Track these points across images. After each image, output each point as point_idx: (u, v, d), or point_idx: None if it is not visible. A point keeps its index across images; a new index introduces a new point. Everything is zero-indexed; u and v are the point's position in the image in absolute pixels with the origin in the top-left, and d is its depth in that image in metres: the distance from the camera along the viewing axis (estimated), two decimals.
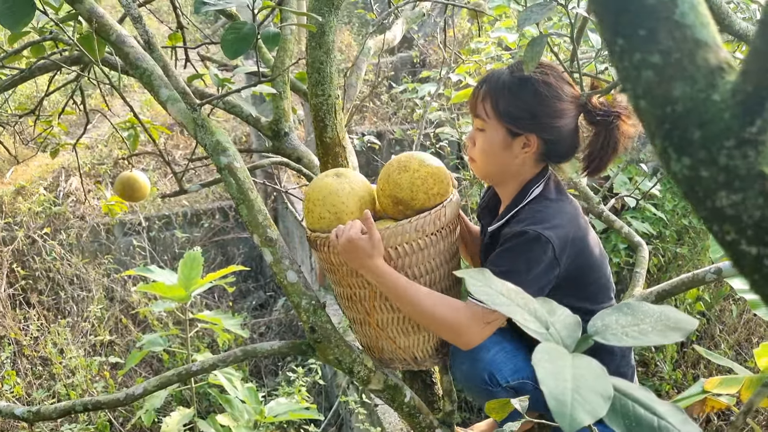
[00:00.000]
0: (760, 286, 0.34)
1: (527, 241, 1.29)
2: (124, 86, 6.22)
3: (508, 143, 1.38)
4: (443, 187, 1.42)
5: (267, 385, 4.53)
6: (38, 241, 4.95)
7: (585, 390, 0.55)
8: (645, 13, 0.34)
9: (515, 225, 1.34)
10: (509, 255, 1.31)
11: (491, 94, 1.37)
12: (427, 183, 1.40)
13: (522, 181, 1.42)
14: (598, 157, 1.41)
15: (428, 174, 1.40)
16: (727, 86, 0.33)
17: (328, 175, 1.47)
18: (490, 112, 1.37)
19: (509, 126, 1.36)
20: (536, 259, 1.29)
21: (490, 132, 1.39)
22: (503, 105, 1.35)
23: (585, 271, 1.38)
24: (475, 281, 0.68)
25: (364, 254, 1.31)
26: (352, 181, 1.45)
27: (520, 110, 1.34)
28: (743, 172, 0.33)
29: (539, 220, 1.31)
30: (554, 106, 1.34)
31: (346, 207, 1.41)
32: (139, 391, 1.52)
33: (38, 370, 4.33)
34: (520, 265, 1.28)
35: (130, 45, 1.51)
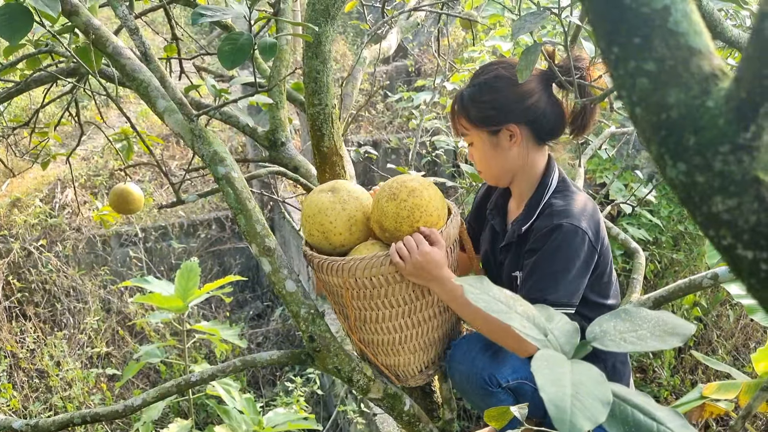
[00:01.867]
0: (756, 290, 0.35)
1: (564, 236, 1.31)
2: (120, 97, 6.23)
3: (494, 142, 1.43)
4: (431, 220, 1.37)
5: (265, 396, 4.52)
6: (34, 254, 4.94)
7: (584, 396, 0.55)
8: (639, 22, 0.34)
9: (547, 219, 1.36)
10: (551, 254, 1.32)
11: (461, 110, 1.45)
12: (413, 215, 1.36)
13: (534, 173, 1.46)
14: (581, 114, 1.45)
15: (415, 206, 1.36)
16: (721, 93, 0.34)
17: (323, 190, 1.46)
18: (467, 125, 1.45)
19: (487, 128, 1.42)
20: (577, 251, 1.31)
21: (477, 141, 1.46)
22: (474, 113, 1.42)
23: (604, 263, 1.42)
24: (473, 288, 0.69)
25: (439, 265, 1.32)
26: (346, 200, 1.43)
27: (486, 110, 1.41)
28: (738, 178, 0.33)
29: (570, 212, 1.34)
30: (513, 91, 1.40)
31: (333, 228, 1.41)
32: (138, 402, 1.51)
33: (35, 382, 4.31)
34: (564, 262, 1.31)
35: (127, 57, 1.51)
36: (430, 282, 1.35)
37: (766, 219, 0.33)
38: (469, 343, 1.47)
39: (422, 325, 1.44)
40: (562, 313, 0.74)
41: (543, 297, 1.29)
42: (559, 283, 1.31)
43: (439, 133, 3.70)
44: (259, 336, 5.22)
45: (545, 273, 1.32)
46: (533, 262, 1.35)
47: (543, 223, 1.36)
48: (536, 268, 1.34)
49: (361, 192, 1.48)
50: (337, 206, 1.42)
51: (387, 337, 1.45)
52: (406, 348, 1.46)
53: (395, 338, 1.45)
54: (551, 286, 1.31)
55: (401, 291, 1.38)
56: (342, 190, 1.45)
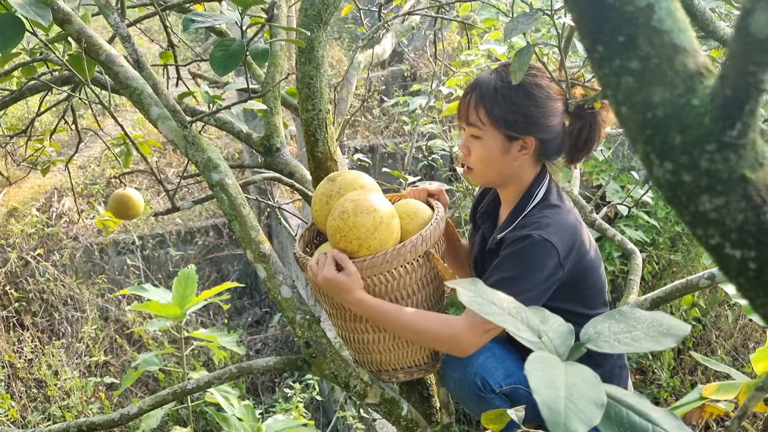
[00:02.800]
0: (746, 290, 0.34)
1: (531, 246, 1.29)
2: (116, 105, 6.23)
3: (506, 148, 1.38)
4: (349, 246, 1.35)
5: (264, 402, 4.50)
6: (31, 263, 4.92)
7: (578, 398, 0.55)
8: (623, 20, 0.34)
9: (519, 229, 1.34)
10: (513, 260, 1.31)
11: (484, 101, 1.36)
12: (334, 236, 1.37)
13: (524, 183, 1.43)
14: (584, 147, 1.44)
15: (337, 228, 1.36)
16: (706, 90, 0.33)
17: (325, 183, 1.49)
18: (485, 120, 1.37)
19: (507, 131, 1.36)
20: (540, 264, 1.29)
21: (488, 139, 1.38)
22: (498, 111, 1.35)
23: (583, 276, 1.39)
24: (467, 291, 0.68)
25: (342, 290, 1.32)
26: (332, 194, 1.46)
27: (516, 114, 1.34)
28: (725, 176, 0.33)
29: (545, 224, 1.32)
30: (547, 106, 1.36)
31: (318, 216, 1.48)
32: (134, 410, 1.51)
33: (33, 392, 4.29)
34: (523, 271, 1.29)
35: (120, 64, 1.51)
36: (343, 303, 1.37)
37: (753, 217, 0.33)
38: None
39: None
40: (555, 315, 0.73)
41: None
42: (513, 290, 1.27)
43: (435, 137, 3.70)
44: (257, 342, 5.21)
45: (503, 277, 1.29)
46: (494, 265, 1.34)
47: (514, 233, 1.34)
48: (496, 271, 1.32)
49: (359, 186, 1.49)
50: (322, 199, 1.47)
51: (368, 336, 1.46)
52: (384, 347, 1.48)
53: (373, 338, 1.46)
54: (505, 291, 1.28)
55: (405, 285, 1.38)
56: (339, 183, 1.48)
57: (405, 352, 1.48)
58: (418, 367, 1.52)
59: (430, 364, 1.53)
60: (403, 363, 1.51)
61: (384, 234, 1.35)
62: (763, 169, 0.33)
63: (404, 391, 1.70)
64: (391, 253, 1.33)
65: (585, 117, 1.40)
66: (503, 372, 1.38)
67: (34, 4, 1.24)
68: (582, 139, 1.42)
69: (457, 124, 1.64)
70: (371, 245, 1.35)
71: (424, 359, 1.51)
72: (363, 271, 1.34)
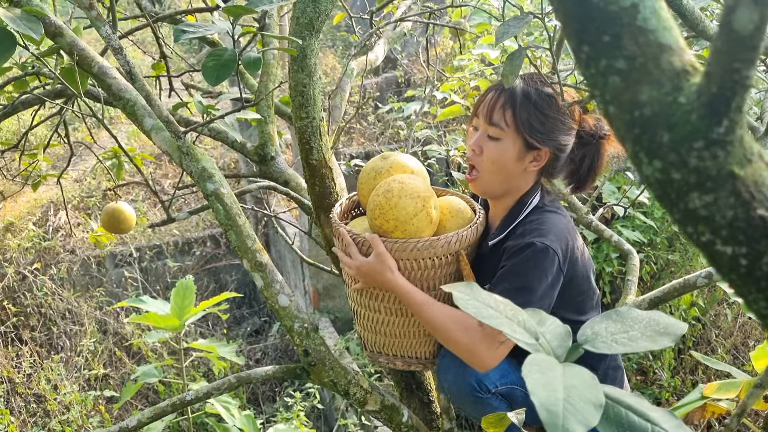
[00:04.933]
0: (738, 286, 0.34)
1: (535, 254, 1.29)
2: (111, 118, 6.23)
3: (521, 155, 1.37)
4: (386, 225, 1.38)
5: (265, 412, 4.49)
6: (29, 277, 4.91)
7: (576, 399, 0.55)
8: (608, 20, 0.34)
9: (519, 238, 1.34)
10: (520, 270, 1.30)
11: (513, 103, 1.34)
12: (372, 213, 1.41)
13: (519, 193, 1.43)
14: (587, 176, 1.44)
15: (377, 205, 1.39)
16: (692, 88, 0.33)
17: (377, 159, 1.54)
18: (510, 122, 1.35)
19: (529, 138, 1.35)
20: (545, 272, 1.29)
21: (506, 142, 1.36)
22: (525, 116, 1.33)
23: (576, 281, 1.39)
24: (462, 295, 0.68)
25: (375, 273, 1.35)
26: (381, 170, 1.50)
27: (542, 124, 1.34)
28: (714, 173, 0.33)
29: (544, 231, 1.32)
30: (568, 123, 1.37)
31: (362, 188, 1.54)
32: (133, 423, 1.50)
33: (32, 407, 4.27)
34: (532, 281, 1.29)
35: (113, 76, 1.51)
36: (380, 288, 1.41)
37: (743, 214, 0.33)
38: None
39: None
40: (552, 317, 0.73)
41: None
42: (522, 300, 1.27)
43: (430, 142, 3.70)
44: (257, 352, 5.19)
45: (510, 288, 1.29)
46: (499, 276, 1.33)
47: (515, 241, 1.34)
48: (501, 281, 1.32)
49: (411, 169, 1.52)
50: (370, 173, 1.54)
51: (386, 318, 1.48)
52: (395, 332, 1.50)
53: (384, 319, 1.48)
54: (513, 301, 1.28)
55: (428, 278, 1.40)
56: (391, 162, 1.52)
57: (410, 342, 1.49)
58: (418, 360, 1.52)
59: (430, 360, 1.53)
60: (404, 351, 1.51)
61: (422, 222, 1.38)
62: (752, 166, 0.33)
63: (404, 398, 1.70)
64: (424, 243, 1.35)
65: (590, 145, 1.42)
66: (498, 372, 1.38)
67: (25, 17, 1.24)
68: (585, 166, 1.43)
69: (452, 129, 1.64)
70: (406, 229, 1.37)
71: (425, 354, 1.51)
72: (392, 252, 1.36)
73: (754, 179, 0.33)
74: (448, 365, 1.43)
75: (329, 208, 1.60)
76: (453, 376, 1.42)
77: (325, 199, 1.62)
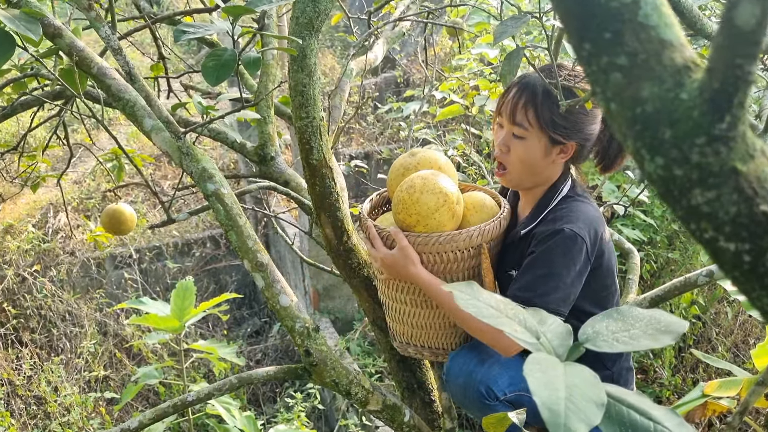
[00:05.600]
0: (741, 283, 0.34)
1: (564, 240, 1.30)
2: (110, 119, 6.22)
3: (548, 151, 1.38)
4: (408, 220, 1.41)
5: (266, 413, 4.48)
6: (28, 279, 4.91)
7: (578, 398, 0.55)
8: (609, 16, 0.34)
9: (549, 224, 1.35)
10: (548, 257, 1.31)
11: (535, 102, 1.35)
12: (396, 207, 1.43)
13: (550, 181, 1.44)
14: (616, 155, 1.45)
15: (400, 200, 1.42)
16: (694, 84, 0.33)
17: (406, 156, 1.58)
18: (533, 121, 1.36)
19: (554, 135, 1.36)
20: (573, 258, 1.30)
21: (532, 140, 1.38)
22: (548, 114, 1.34)
23: (601, 273, 1.41)
24: (463, 294, 0.68)
25: (398, 266, 1.38)
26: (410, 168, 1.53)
27: (565, 119, 1.34)
28: (716, 169, 0.33)
29: (573, 218, 1.33)
30: (593, 112, 1.37)
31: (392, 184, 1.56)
32: (135, 425, 1.49)
33: (32, 409, 4.27)
34: (560, 267, 1.30)
35: (112, 77, 1.51)
36: (404, 280, 1.43)
37: (746, 210, 0.32)
38: (466, 356, 1.45)
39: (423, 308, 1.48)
40: (553, 316, 0.73)
41: (531, 299, 1.27)
42: (550, 287, 1.29)
43: (430, 142, 3.70)
44: (257, 353, 5.19)
45: (538, 274, 1.31)
46: (528, 262, 1.34)
47: (545, 227, 1.36)
48: (530, 267, 1.33)
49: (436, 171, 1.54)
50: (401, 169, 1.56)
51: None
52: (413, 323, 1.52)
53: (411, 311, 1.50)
54: (541, 288, 1.30)
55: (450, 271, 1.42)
56: (418, 160, 1.55)
57: (437, 333, 1.51)
58: (445, 351, 1.53)
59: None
60: (432, 342, 1.53)
61: (444, 216, 1.41)
62: (754, 161, 0.33)
63: (406, 398, 1.70)
64: (446, 236, 1.38)
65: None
66: (508, 380, 1.38)
67: (24, 18, 1.24)
68: (613, 147, 1.44)
69: (451, 128, 1.65)
70: (429, 224, 1.40)
71: (452, 345, 1.53)
72: (415, 246, 1.39)
73: (757, 175, 0.33)
74: (457, 372, 1.44)
75: (330, 207, 1.59)
76: (463, 382, 1.42)
77: (325, 198, 1.61)
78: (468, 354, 1.46)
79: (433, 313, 1.48)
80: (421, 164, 1.53)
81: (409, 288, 1.46)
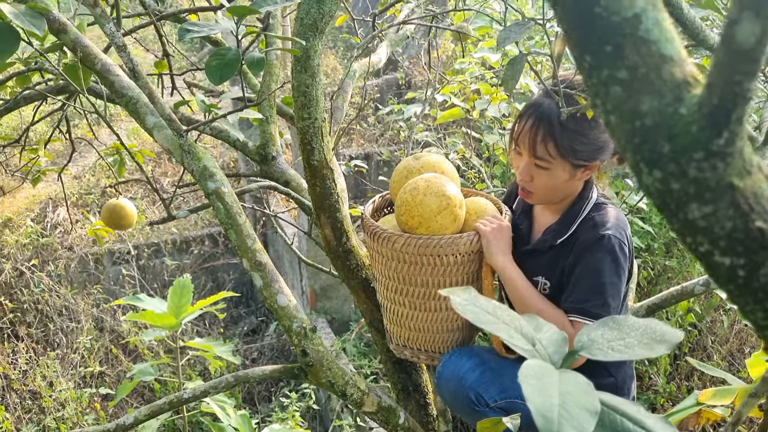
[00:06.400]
0: (736, 297, 0.35)
1: (610, 248, 1.32)
2: (111, 115, 6.23)
3: (571, 174, 1.38)
4: (411, 222, 1.42)
5: (261, 412, 4.48)
6: (26, 273, 4.91)
7: (572, 406, 0.55)
8: (611, 30, 0.34)
9: (589, 231, 1.37)
10: (598, 266, 1.33)
11: (553, 134, 1.34)
12: (399, 208, 1.43)
13: (575, 194, 1.45)
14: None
15: (402, 201, 1.42)
16: (693, 100, 0.34)
17: (410, 159, 1.59)
18: (554, 153, 1.35)
19: (575, 161, 1.36)
20: (621, 265, 1.33)
21: (555, 169, 1.37)
22: (568, 143, 1.33)
23: (627, 277, 1.42)
24: (461, 299, 0.68)
25: (504, 246, 1.39)
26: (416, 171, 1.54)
27: (586, 145, 1.34)
28: (713, 184, 0.33)
29: (612, 225, 1.35)
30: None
31: (394, 187, 1.58)
32: (130, 420, 1.50)
33: (27, 404, 4.27)
34: (612, 276, 1.32)
35: (115, 73, 1.51)
36: (491, 259, 1.41)
37: (741, 225, 0.33)
38: (458, 361, 1.46)
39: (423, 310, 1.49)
40: (549, 323, 0.73)
41: (589, 309, 1.30)
42: (607, 296, 1.31)
43: (430, 144, 3.71)
44: (254, 352, 5.19)
45: (592, 284, 1.32)
46: (578, 273, 1.35)
47: (587, 234, 1.37)
48: (582, 278, 1.34)
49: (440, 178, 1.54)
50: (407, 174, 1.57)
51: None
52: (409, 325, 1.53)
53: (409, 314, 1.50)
54: (598, 298, 1.31)
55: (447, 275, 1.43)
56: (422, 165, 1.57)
57: (434, 337, 1.51)
58: (441, 354, 1.53)
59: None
60: (428, 346, 1.53)
61: (446, 219, 1.41)
62: (751, 177, 0.33)
63: (401, 400, 1.70)
64: (447, 240, 1.38)
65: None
66: (498, 387, 1.39)
67: (29, 13, 1.24)
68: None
69: (451, 132, 1.65)
70: (430, 226, 1.41)
71: (448, 349, 1.53)
72: (416, 248, 1.39)
73: (753, 191, 0.33)
74: (449, 377, 1.44)
75: (330, 208, 1.60)
76: (453, 387, 1.43)
77: (325, 199, 1.62)
78: (460, 359, 1.46)
79: (431, 316, 1.48)
80: (425, 168, 1.54)
81: (409, 290, 1.46)
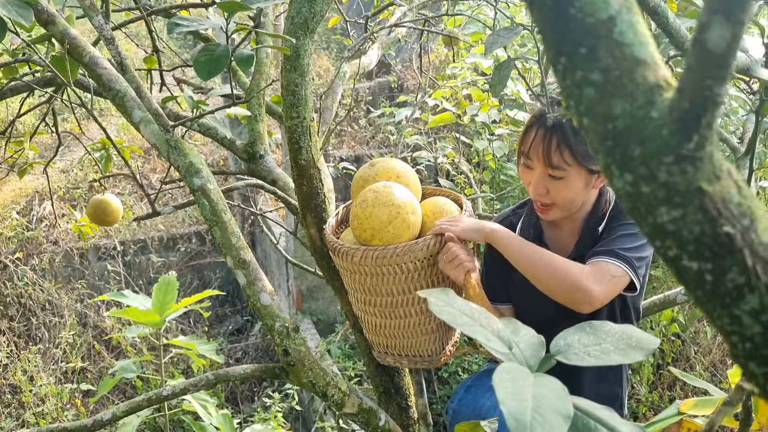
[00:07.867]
0: (703, 302, 0.35)
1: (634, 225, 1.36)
2: (101, 110, 6.19)
3: (587, 181, 1.39)
4: (363, 234, 1.40)
5: (243, 412, 4.46)
6: (10, 267, 4.86)
7: (546, 410, 0.55)
8: (585, 32, 0.34)
9: (621, 214, 1.43)
10: (631, 229, 1.37)
11: (568, 141, 1.34)
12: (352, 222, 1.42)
13: (590, 202, 1.48)
14: None
15: (354, 215, 1.42)
16: (665, 103, 0.34)
17: (366, 167, 1.56)
18: (570, 160, 1.35)
19: (591, 167, 1.36)
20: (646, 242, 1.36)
21: (572, 178, 1.38)
22: (583, 148, 1.34)
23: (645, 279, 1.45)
24: (437, 300, 0.68)
25: (473, 222, 1.40)
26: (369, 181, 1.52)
27: None
28: (682, 188, 0.33)
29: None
30: None
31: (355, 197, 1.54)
32: (108, 416, 1.48)
33: (7, 398, 4.22)
34: (643, 238, 1.33)
35: (103, 66, 1.50)
36: (488, 238, 1.40)
37: (709, 230, 0.33)
38: (476, 399, 1.49)
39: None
40: (526, 327, 0.73)
41: (615, 250, 1.33)
42: (635, 244, 1.34)
43: (420, 148, 3.71)
44: (238, 351, 5.16)
45: (619, 236, 1.37)
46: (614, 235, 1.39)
47: (619, 217, 1.43)
48: (609, 240, 1.38)
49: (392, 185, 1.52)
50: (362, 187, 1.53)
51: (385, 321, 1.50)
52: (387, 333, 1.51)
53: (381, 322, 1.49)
54: (627, 242, 1.35)
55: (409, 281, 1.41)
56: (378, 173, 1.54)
57: (409, 342, 1.51)
58: (422, 357, 1.53)
59: (434, 357, 1.53)
60: (407, 351, 1.53)
61: (398, 228, 1.39)
62: (720, 182, 0.33)
63: (383, 402, 1.70)
64: (402, 247, 1.36)
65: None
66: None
67: (16, 3, 1.23)
68: None
69: (442, 136, 1.65)
70: (384, 237, 1.39)
71: (427, 351, 1.52)
72: (374, 260, 1.36)
73: (722, 196, 0.33)
74: (469, 416, 1.46)
75: (316, 208, 1.59)
76: (469, 414, 1.46)
77: (312, 199, 1.61)
78: (477, 395, 1.50)
79: (403, 323, 1.46)
80: (380, 174, 1.50)
81: (376, 300, 1.44)
